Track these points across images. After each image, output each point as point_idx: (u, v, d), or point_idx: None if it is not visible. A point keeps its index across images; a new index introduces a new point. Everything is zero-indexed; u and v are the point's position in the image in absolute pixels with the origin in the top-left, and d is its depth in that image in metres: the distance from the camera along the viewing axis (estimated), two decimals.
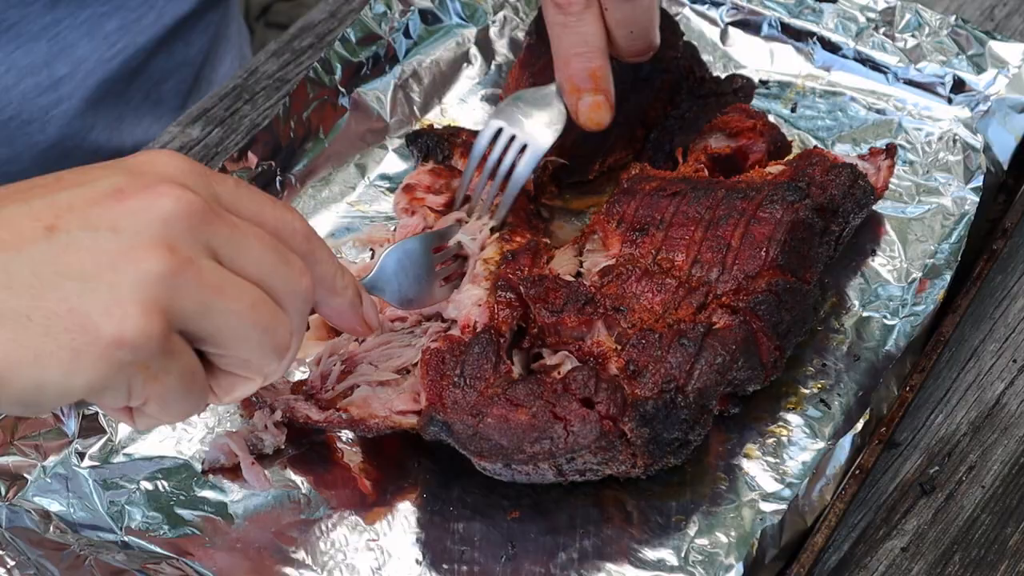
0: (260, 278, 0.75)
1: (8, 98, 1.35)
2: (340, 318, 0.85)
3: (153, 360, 0.71)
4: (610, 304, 1.00)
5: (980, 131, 1.20)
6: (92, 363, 0.69)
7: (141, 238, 0.71)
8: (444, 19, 1.30)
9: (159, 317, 0.70)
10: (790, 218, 1.03)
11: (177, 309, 0.71)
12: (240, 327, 0.74)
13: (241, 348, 0.75)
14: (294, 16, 1.38)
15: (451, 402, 0.95)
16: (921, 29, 1.27)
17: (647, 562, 0.96)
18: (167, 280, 0.70)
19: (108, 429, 1.02)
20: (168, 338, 0.71)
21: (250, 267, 0.75)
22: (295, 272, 0.78)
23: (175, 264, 0.71)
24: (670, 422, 0.94)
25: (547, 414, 0.94)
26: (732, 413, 1.03)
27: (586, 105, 1.06)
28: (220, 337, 0.74)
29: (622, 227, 1.05)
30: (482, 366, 0.96)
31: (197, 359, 0.75)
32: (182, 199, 0.72)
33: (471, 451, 0.95)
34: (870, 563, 1.00)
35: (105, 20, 1.37)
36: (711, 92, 1.20)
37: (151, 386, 0.72)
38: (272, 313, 0.76)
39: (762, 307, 0.99)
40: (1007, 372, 1.10)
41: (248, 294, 0.74)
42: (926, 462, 1.05)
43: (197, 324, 0.73)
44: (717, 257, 1.02)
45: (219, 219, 0.74)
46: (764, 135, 1.13)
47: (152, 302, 0.70)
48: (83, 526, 0.97)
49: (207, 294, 0.72)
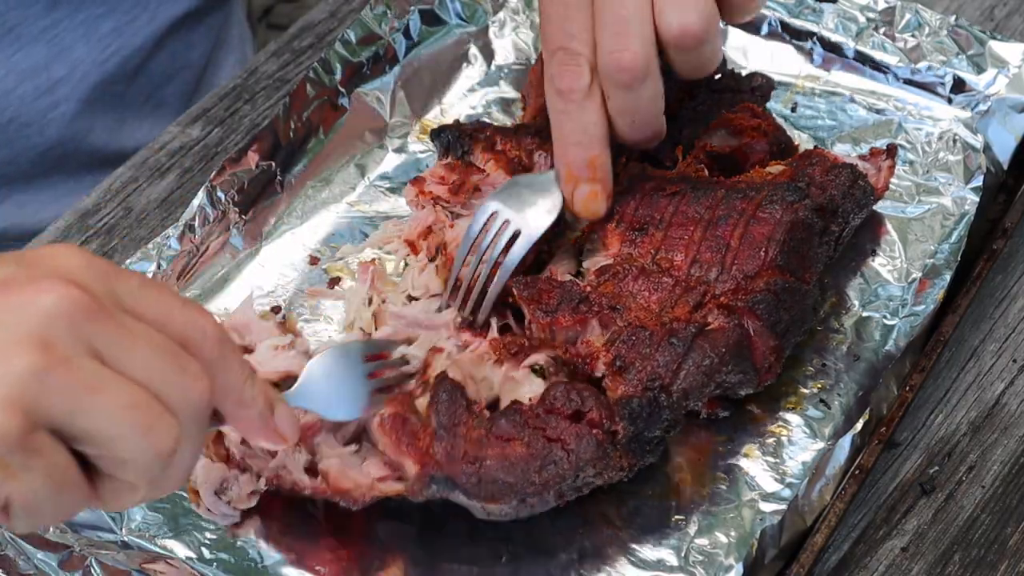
0: (147, 381, 0.72)
1: (7, 101, 1.35)
2: (249, 430, 0.82)
3: (11, 457, 0.68)
4: (606, 303, 1.00)
5: (980, 131, 1.20)
6: None
7: (17, 333, 0.68)
8: (444, 19, 1.30)
9: (18, 414, 0.67)
10: (789, 218, 1.03)
11: (44, 407, 0.68)
12: (114, 426, 0.70)
13: (117, 448, 0.71)
14: (296, 17, 1.38)
15: (443, 457, 0.92)
16: (921, 29, 1.27)
17: (647, 562, 0.96)
18: (36, 377, 0.68)
19: None
20: (29, 436, 0.68)
21: (136, 369, 0.72)
22: (188, 377, 0.74)
23: (47, 361, 0.68)
24: (652, 420, 0.94)
25: (540, 440, 0.93)
26: (721, 416, 1.02)
27: (582, 195, 1.03)
28: (93, 437, 0.70)
29: (621, 227, 1.05)
30: (456, 412, 0.94)
31: (70, 458, 0.71)
32: (67, 296, 0.70)
33: (481, 498, 0.92)
34: (870, 563, 1.00)
35: (100, 22, 1.37)
36: (728, 88, 1.20)
37: (11, 484, 0.69)
38: (154, 415, 0.71)
39: (760, 306, 0.99)
40: (1007, 372, 1.10)
41: (126, 393, 0.71)
42: (926, 462, 1.05)
43: (68, 423, 0.70)
44: (716, 257, 1.02)
45: (107, 318, 0.71)
46: (767, 135, 1.13)
47: (14, 399, 0.67)
48: (83, 526, 0.97)
49: (79, 393, 0.69)
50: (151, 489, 0.75)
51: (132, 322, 0.73)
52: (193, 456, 0.76)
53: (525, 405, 0.95)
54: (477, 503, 0.93)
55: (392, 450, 0.94)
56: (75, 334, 0.70)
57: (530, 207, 1.04)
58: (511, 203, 1.04)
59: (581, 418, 0.94)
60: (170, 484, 0.75)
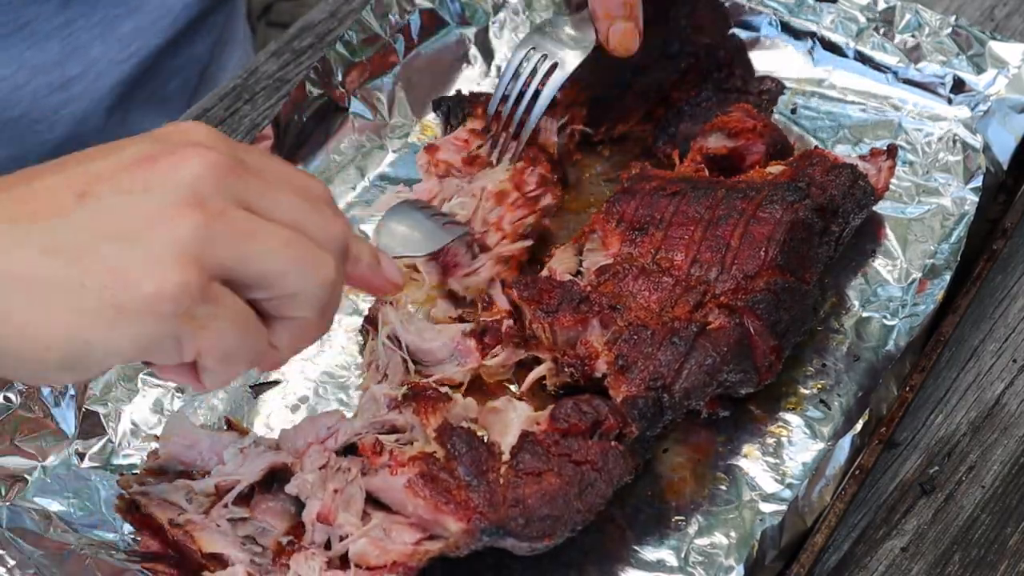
0: (295, 223, 0.77)
1: (19, 96, 1.35)
2: (362, 281, 0.87)
3: (197, 309, 0.72)
4: (606, 303, 1.00)
5: (980, 131, 1.20)
6: (135, 319, 0.71)
7: (172, 197, 0.73)
8: (444, 19, 1.30)
9: (195, 268, 0.72)
10: (790, 218, 1.03)
11: (213, 259, 0.73)
12: (280, 263, 0.75)
13: (287, 284, 0.76)
14: (296, 16, 1.39)
15: (485, 506, 0.90)
16: (921, 29, 1.27)
17: (647, 563, 0.96)
18: (200, 233, 0.73)
19: (108, 429, 1.02)
20: (208, 287, 0.73)
21: (283, 214, 0.77)
22: (328, 218, 0.79)
23: (205, 217, 0.73)
24: (656, 420, 0.95)
25: (569, 466, 0.92)
26: (722, 416, 1.02)
27: (617, 31, 1.11)
28: (263, 277, 0.75)
29: (622, 226, 1.05)
30: (480, 458, 0.92)
31: (246, 304, 0.76)
32: (206, 158, 0.75)
33: (533, 538, 0.90)
34: (870, 563, 1.00)
35: (119, 22, 1.37)
36: (735, 88, 1.21)
37: (201, 336, 0.73)
38: (310, 249, 0.77)
39: (760, 306, 0.99)
40: (1007, 372, 1.10)
41: (282, 234, 0.76)
42: (926, 462, 1.05)
43: (237, 270, 0.74)
44: (716, 257, 1.02)
45: (246, 173, 0.76)
46: (763, 136, 1.13)
47: (187, 255, 0.72)
48: (83, 526, 0.97)
49: (241, 239, 0.74)
50: (320, 326, 0.80)
51: (268, 174, 0.78)
52: (341, 295, 0.82)
53: (538, 433, 0.94)
54: (527, 544, 0.91)
55: (429, 510, 0.91)
56: (222, 190, 0.74)
57: (565, 43, 1.12)
58: (546, 40, 1.12)
59: (598, 428, 0.93)
60: (331, 314, 0.80)
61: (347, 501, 0.92)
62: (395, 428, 0.98)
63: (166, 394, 1.05)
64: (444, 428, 0.94)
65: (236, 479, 0.94)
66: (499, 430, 0.96)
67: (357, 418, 0.99)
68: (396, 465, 0.92)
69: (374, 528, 0.91)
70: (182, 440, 0.97)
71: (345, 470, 0.94)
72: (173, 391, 1.05)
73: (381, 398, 0.99)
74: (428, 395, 0.97)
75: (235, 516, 0.94)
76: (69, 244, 0.72)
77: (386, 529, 0.92)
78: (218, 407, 1.05)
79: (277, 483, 0.95)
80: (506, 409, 0.97)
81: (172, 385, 1.05)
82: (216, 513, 0.93)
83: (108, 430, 1.02)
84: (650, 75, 1.20)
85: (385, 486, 0.93)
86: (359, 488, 0.93)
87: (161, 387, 1.05)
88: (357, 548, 0.91)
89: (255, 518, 0.94)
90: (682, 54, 1.20)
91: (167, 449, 0.96)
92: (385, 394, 0.99)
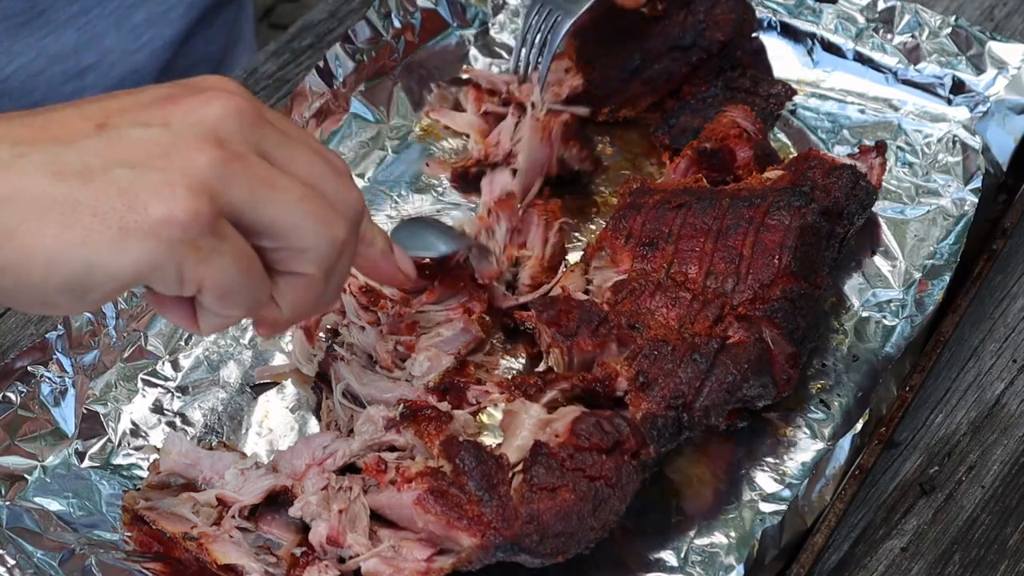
0: (312, 180, 0.77)
1: (35, 83, 1.36)
2: (373, 267, 0.86)
3: (203, 240, 0.72)
4: (625, 321, 0.99)
5: (979, 132, 1.20)
6: (140, 241, 0.71)
7: (192, 133, 0.73)
8: (444, 20, 1.30)
9: (207, 199, 0.72)
10: (798, 223, 1.03)
11: (226, 196, 0.73)
12: (292, 215, 0.75)
13: (297, 237, 0.76)
14: (296, 17, 1.39)
15: (499, 521, 0.89)
16: (921, 30, 1.27)
17: (647, 562, 0.96)
18: (216, 169, 0.72)
19: (108, 429, 1.02)
20: (217, 220, 0.72)
21: (301, 170, 0.77)
22: (345, 184, 0.79)
23: (224, 156, 0.73)
24: (672, 439, 0.95)
25: (583, 481, 0.91)
26: (740, 427, 1.02)
27: None
28: (274, 225, 0.75)
29: (631, 242, 1.05)
30: (490, 472, 0.91)
31: (252, 250, 0.75)
32: (232, 102, 0.75)
33: (547, 555, 0.89)
34: (870, 563, 1.00)
35: (132, 12, 1.38)
36: (743, 88, 1.21)
37: (203, 268, 0.73)
38: (324, 206, 0.76)
39: (779, 315, 0.99)
40: (1007, 372, 1.10)
41: (299, 187, 0.76)
42: (926, 462, 1.05)
43: (249, 214, 0.74)
44: (731, 267, 1.01)
45: (269, 124, 0.76)
46: (750, 143, 1.12)
47: (201, 186, 0.72)
48: (83, 526, 0.97)
49: (257, 184, 0.74)
50: (326, 295, 0.79)
51: (290, 131, 0.78)
52: (350, 266, 0.81)
53: (552, 447, 0.92)
54: (540, 561, 0.90)
55: (441, 527, 0.90)
56: (244, 135, 0.75)
57: None
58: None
59: (618, 447, 0.92)
60: (336, 280, 0.80)
61: (352, 520, 0.92)
62: (394, 447, 0.97)
63: (166, 394, 1.05)
64: (450, 442, 0.93)
65: (237, 499, 0.95)
66: (512, 431, 0.96)
67: (355, 439, 0.98)
68: (403, 481, 0.92)
69: (383, 548, 0.91)
70: (183, 458, 0.97)
71: (347, 489, 0.94)
72: (173, 391, 1.05)
73: (379, 420, 0.98)
74: (427, 414, 0.97)
75: (244, 527, 0.94)
76: (82, 167, 0.72)
77: (396, 547, 0.91)
78: (218, 407, 1.05)
79: (279, 503, 0.96)
80: (519, 411, 0.97)
81: (172, 385, 1.05)
82: (227, 524, 0.94)
83: (108, 430, 1.02)
84: (660, 64, 1.21)
85: (391, 503, 0.92)
86: (363, 506, 0.93)
87: (161, 387, 1.05)
88: (369, 567, 0.91)
89: (262, 531, 0.95)
90: (694, 48, 1.21)
91: (168, 465, 0.97)
92: (383, 416, 0.98)
